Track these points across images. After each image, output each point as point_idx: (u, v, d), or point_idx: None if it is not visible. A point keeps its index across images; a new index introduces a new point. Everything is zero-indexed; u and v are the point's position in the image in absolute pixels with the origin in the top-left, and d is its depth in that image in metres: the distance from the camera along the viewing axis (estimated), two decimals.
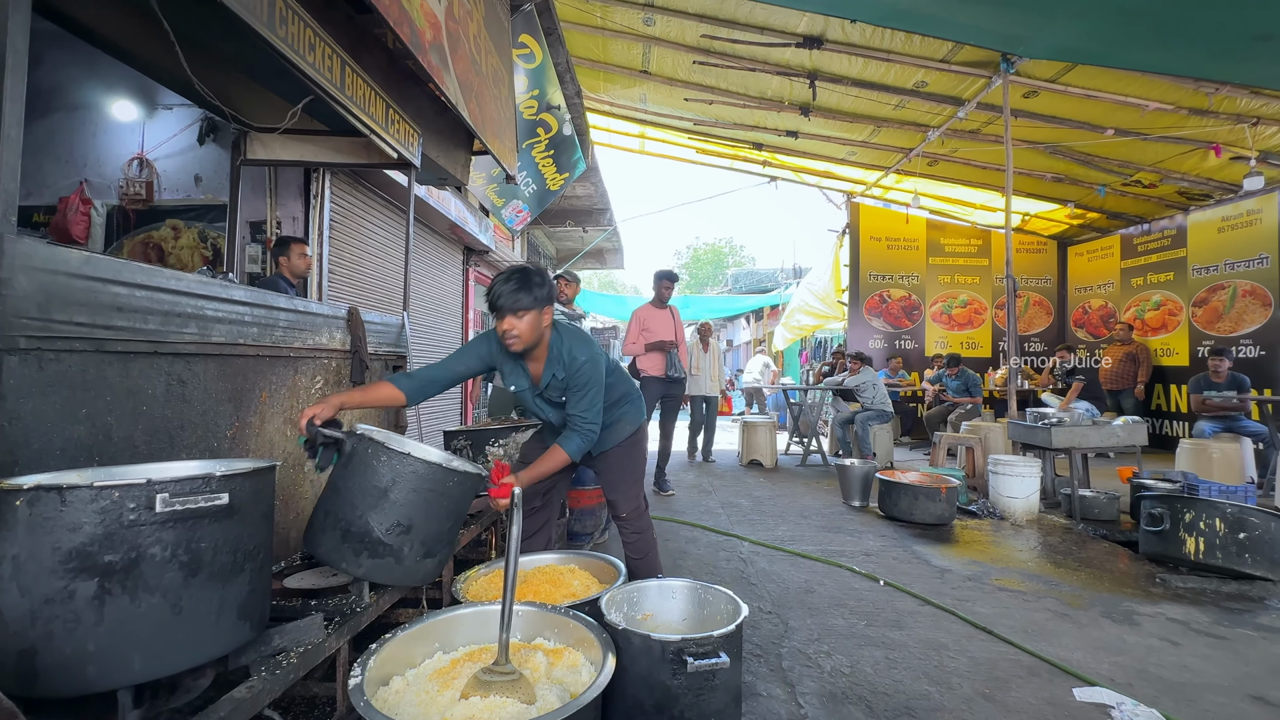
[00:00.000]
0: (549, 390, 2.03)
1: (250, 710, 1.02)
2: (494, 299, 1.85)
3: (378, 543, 1.41)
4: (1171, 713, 1.68)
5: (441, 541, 1.55)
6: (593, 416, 1.98)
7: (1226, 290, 6.63)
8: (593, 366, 1.98)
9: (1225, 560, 2.86)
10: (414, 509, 1.45)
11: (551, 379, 2.00)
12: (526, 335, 1.88)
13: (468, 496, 1.61)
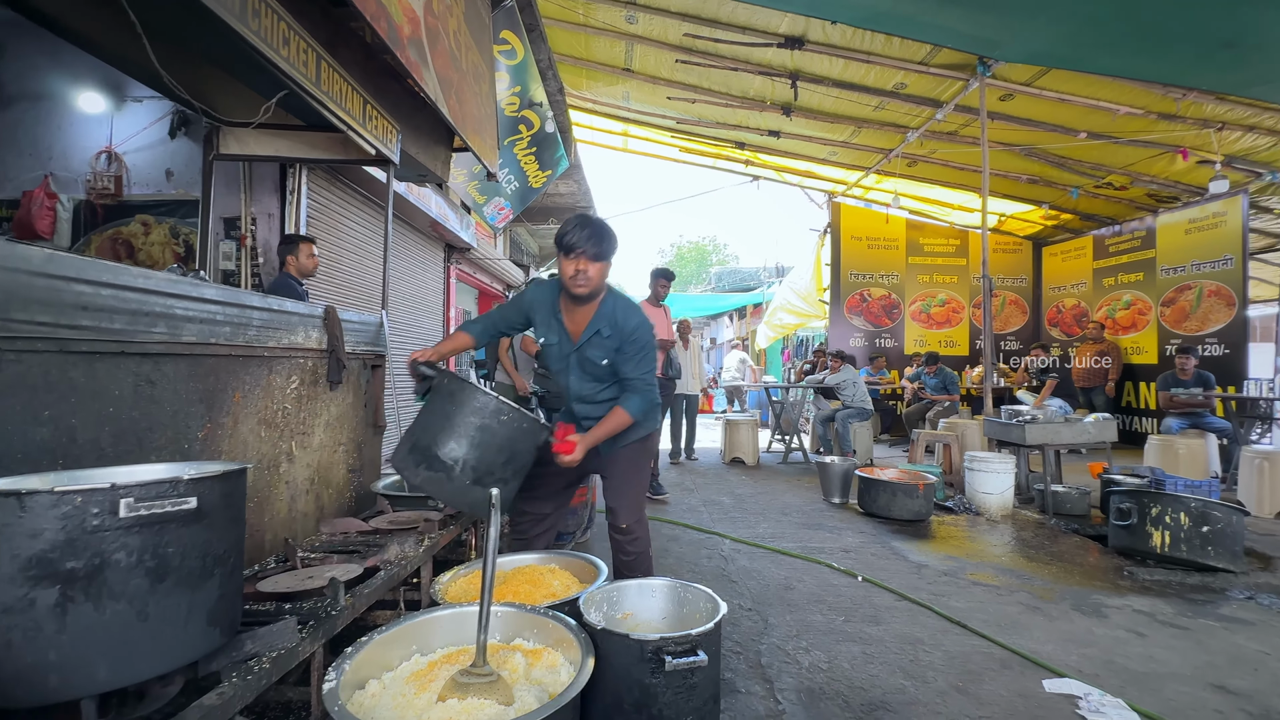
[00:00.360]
0: (587, 348, 1.99)
1: (221, 717, 1.00)
2: (572, 241, 1.87)
3: (434, 458, 1.63)
4: (1137, 702, 1.73)
5: (491, 474, 1.65)
6: (650, 379, 1.99)
7: (1193, 290, 6.83)
8: (647, 331, 1.98)
9: (1189, 553, 2.95)
10: (466, 436, 1.63)
11: (594, 335, 1.98)
12: (595, 281, 1.91)
13: (521, 439, 1.70)
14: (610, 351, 1.98)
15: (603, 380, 2.07)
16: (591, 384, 2.09)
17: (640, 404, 1.96)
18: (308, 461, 2.38)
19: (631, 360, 1.97)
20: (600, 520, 3.85)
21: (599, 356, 1.99)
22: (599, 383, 2.08)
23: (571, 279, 1.91)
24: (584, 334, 1.99)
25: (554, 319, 2.04)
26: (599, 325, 1.97)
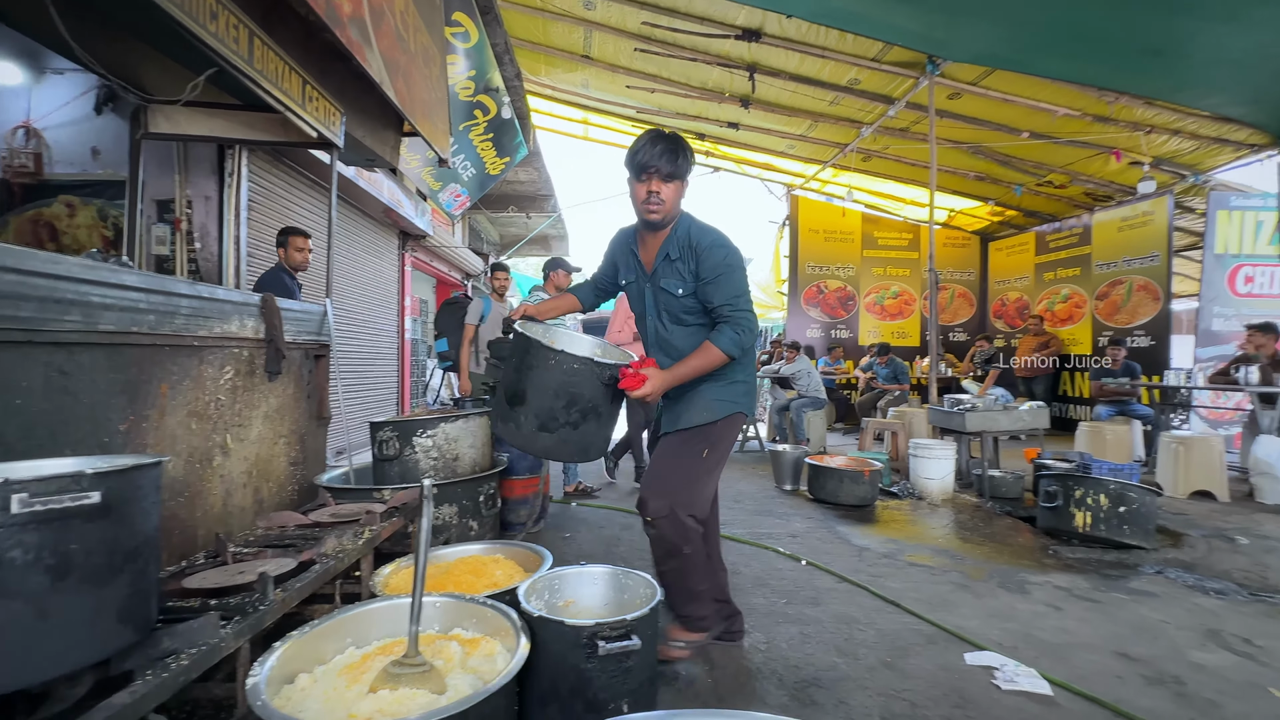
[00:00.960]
0: (660, 277, 1.82)
1: (132, 715, 0.98)
2: (643, 160, 1.71)
3: (506, 410, 1.72)
4: (1048, 671, 1.85)
5: (555, 419, 1.67)
6: (744, 304, 1.74)
7: (1124, 285, 7.22)
8: (724, 250, 1.75)
9: (1108, 531, 3.15)
10: (524, 384, 1.67)
11: (664, 259, 1.81)
12: (670, 203, 1.75)
13: (578, 381, 1.65)
14: (686, 278, 1.77)
15: (685, 322, 1.84)
16: (673, 327, 1.86)
17: (733, 337, 1.71)
18: (244, 454, 2.31)
19: (714, 284, 1.73)
20: (555, 510, 3.86)
21: (675, 286, 1.79)
22: (681, 324, 1.85)
23: (644, 204, 1.74)
24: (656, 260, 1.82)
25: (631, 255, 1.91)
26: (667, 248, 1.79)
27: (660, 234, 1.83)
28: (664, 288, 1.82)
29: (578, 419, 1.68)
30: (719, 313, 1.75)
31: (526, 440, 1.71)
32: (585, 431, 1.71)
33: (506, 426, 1.74)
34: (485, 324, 4.49)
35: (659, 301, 1.86)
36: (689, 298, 1.80)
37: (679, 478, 1.83)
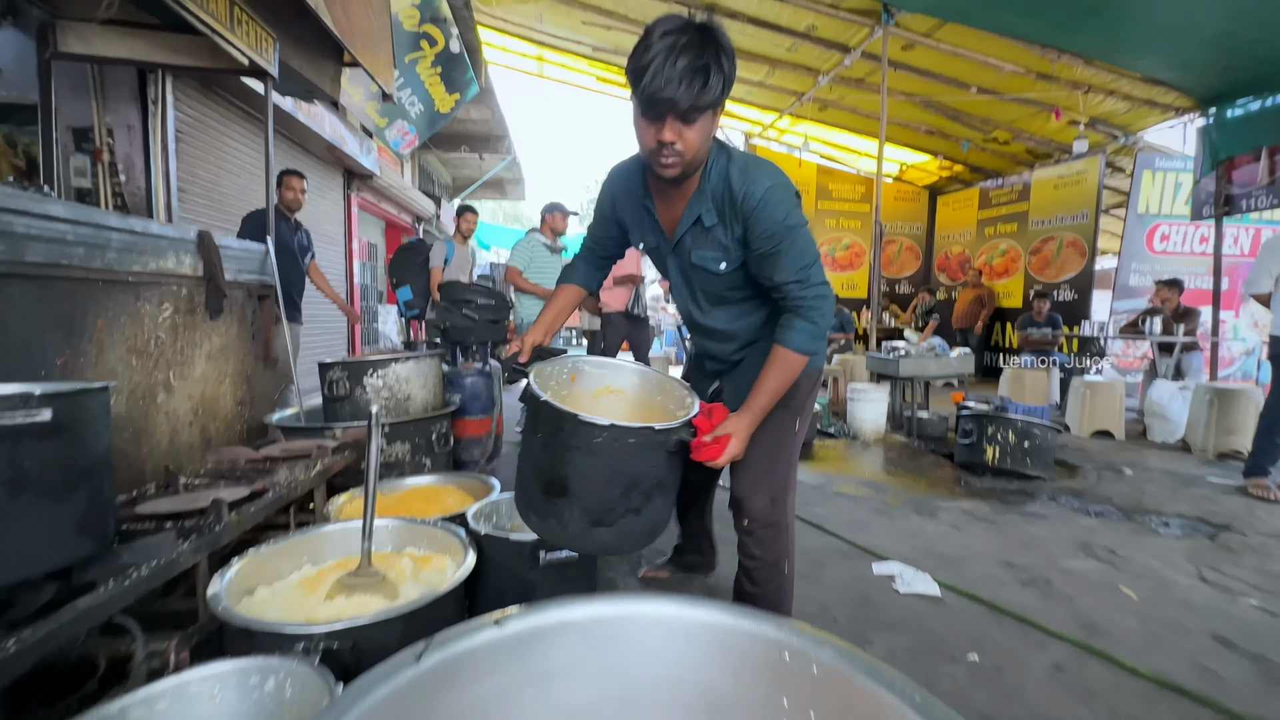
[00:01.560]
0: (692, 246, 1.31)
1: (97, 616, 1.06)
2: (654, 90, 1.07)
3: (541, 502, 1.28)
4: (941, 577, 2.12)
5: (611, 510, 1.23)
6: (816, 277, 1.25)
7: (1055, 241, 7.63)
8: (782, 204, 1.20)
9: (1013, 464, 3.49)
10: (564, 466, 1.20)
11: (694, 225, 1.28)
12: (692, 149, 1.15)
13: (639, 457, 1.20)
14: (730, 249, 1.27)
15: (730, 300, 1.38)
16: (714, 309, 1.41)
17: (809, 331, 1.24)
18: (189, 393, 2.31)
19: (774, 257, 1.23)
20: (508, 450, 3.98)
21: (714, 261, 1.30)
22: (724, 305, 1.39)
23: (653, 155, 1.16)
24: (680, 225, 1.30)
25: (644, 212, 1.35)
26: (697, 209, 1.26)
27: (685, 186, 1.27)
28: (697, 264, 1.32)
29: (641, 503, 1.25)
30: (786, 294, 1.25)
31: (576, 540, 1.32)
32: (651, 513, 1.29)
33: (546, 523, 1.31)
34: (449, 267, 4.44)
35: (691, 280, 1.38)
36: (735, 273, 1.31)
37: (780, 466, 1.45)
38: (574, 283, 1.58)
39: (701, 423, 1.24)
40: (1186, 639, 1.79)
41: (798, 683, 0.93)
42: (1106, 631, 1.81)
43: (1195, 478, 3.69)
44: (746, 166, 1.24)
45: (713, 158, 1.26)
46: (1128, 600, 2.03)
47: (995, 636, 1.76)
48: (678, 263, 1.40)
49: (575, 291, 1.57)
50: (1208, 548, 2.57)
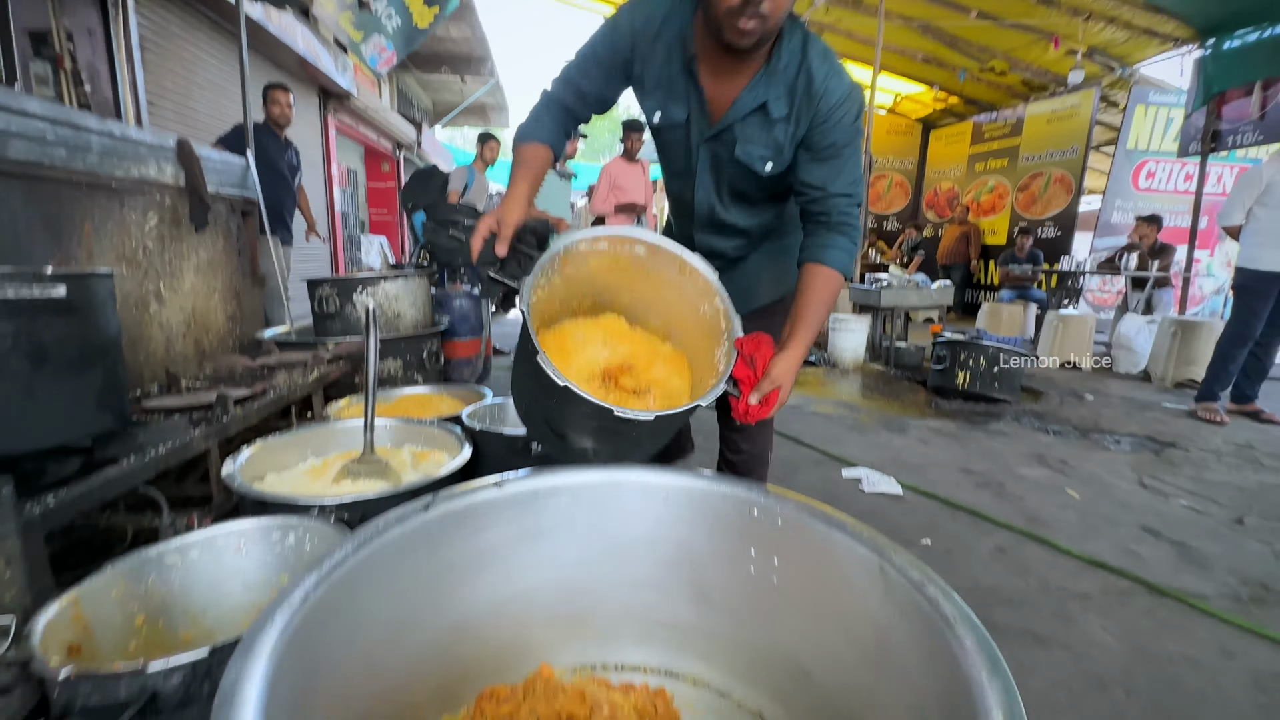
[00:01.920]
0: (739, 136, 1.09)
1: (123, 485, 1.15)
2: None
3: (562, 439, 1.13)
4: (904, 480, 2.29)
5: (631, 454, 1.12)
6: (860, 195, 1.10)
7: (1043, 177, 7.62)
8: (858, 103, 1.05)
9: (982, 388, 3.66)
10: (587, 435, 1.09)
11: (754, 112, 1.06)
12: (780, 10, 0.93)
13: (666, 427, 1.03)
14: (784, 148, 1.08)
15: (755, 200, 1.21)
16: (736, 206, 1.21)
17: (850, 250, 1.09)
18: (181, 305, 2.34)
19: (835, 162, 1.06)
20: (498, 375, 4.07)
21: (759, 158, 1.09)
22: (748, 203, 1.21)
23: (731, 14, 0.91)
24: (735, 109, 1.06)
25: (686, 76, 1.06)
26: (763, 94, 1.03)
27: (747, 60, 1.02)
28: (740, 159, 1.10)
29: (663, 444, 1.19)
30: (832, 206, 1.07)
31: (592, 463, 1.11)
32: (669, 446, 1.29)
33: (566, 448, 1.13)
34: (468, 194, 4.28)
35: (721, 175, 1.16)
36: (776, 177, 1.12)
37: None
38: (542, 141, 1.15)
39: (744, 374, 1.01)
40: (1118, 529, 1.98)
41: (764, 534, 1.06)
42: (1047, 523, 1.99)
43: (1151, 403, 3.90)
44: (827, 53, 1.03)
45: (789, 32, 1.02)
46: (1071, 499, 2.22)
47: (947, 526, 1.94)
48: (710, 152, 1.13)
49: (545, 153, 1.15)
50: (1151, 461, 2.78)
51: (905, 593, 0.84)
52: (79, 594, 0.89)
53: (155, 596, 1.01)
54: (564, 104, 1.16)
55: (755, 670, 1.11)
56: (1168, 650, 1.39)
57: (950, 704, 0.71)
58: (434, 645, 1.00)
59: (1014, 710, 0.61)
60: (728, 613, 1.12)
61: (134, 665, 0.73)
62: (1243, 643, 1.43)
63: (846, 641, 0.97)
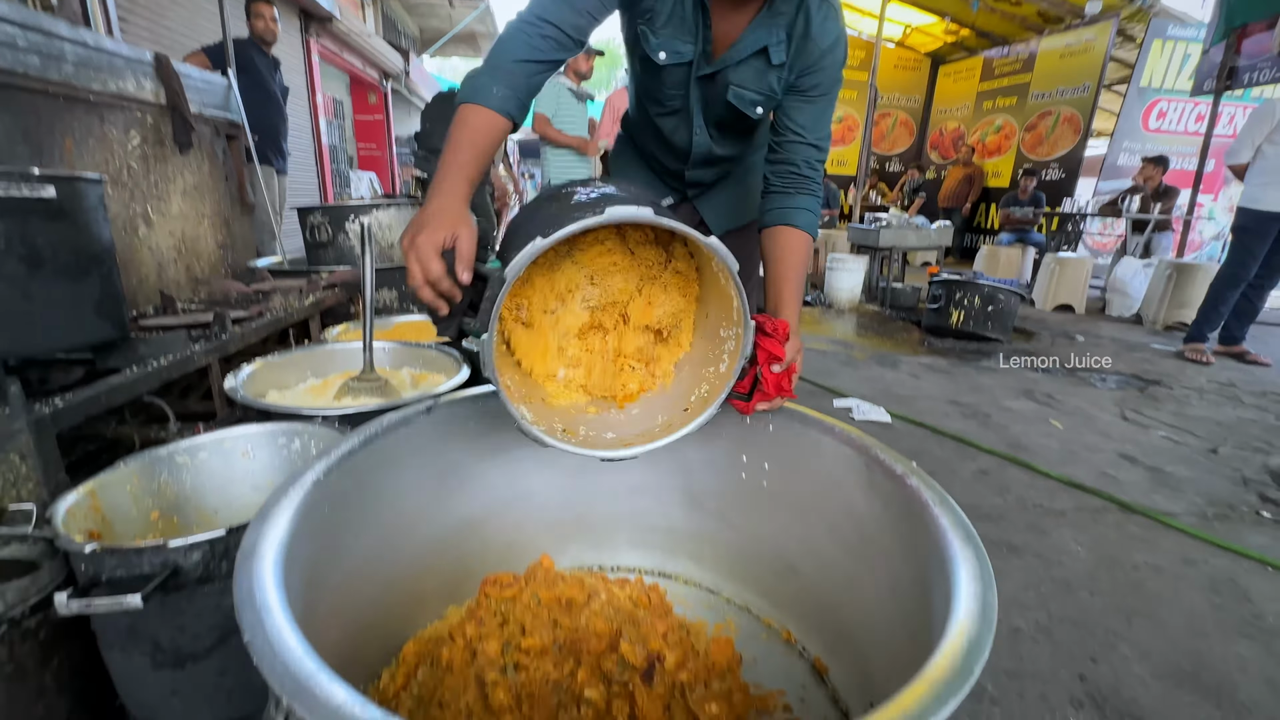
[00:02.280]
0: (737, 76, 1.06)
1: (128, 393, 1.17)
2: None
3: None
4: (894, 410, 2.34)
5: None
6: (827, 149, 1.08)
7: (1052, 116, 7.41)
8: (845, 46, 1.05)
9: (975, 327, 3.70)
10: None
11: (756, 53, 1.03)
12: None
13: None
14: (775, 92, 1.07)
15: (739, 133, 1.20)
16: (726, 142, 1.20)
17: (817, 212, 1.07)
18: (170, 230, 2.30)
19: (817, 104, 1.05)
20: None
21: (749, 100, 1.08)
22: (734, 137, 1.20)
23: None
24: (736, 49, 1.03)
25: (696, 12, 1.01)
26: (765, 37, 1.01)
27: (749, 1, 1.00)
28: (733, 100, 1.08)
29: None
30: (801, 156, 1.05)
31: None
32: None
33: None
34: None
35: (708, 113, 1.13)
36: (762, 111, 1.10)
37: None
38: (497, 109, 0.87)
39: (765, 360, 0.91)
40: (1097, 455, 2.05)
41: (756, 441, 1.10)
42: (1029, 449, 2.06)
43: (1140, 344, 3.95)
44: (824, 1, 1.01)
45: None
46: (1054, 429, 2.29)
47: (933, 451, 2.00)
48: (701, 92, 1.09)
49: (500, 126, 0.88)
50: (1135, 397, 2.84)
51: (888, 485, 0.88)
52: (95, 485, 0.92)
53: (168, 494, 1.05)
54: (535, 44, 0.90)
55: (744, 569, 1.18)
56: (1133, 559, 1.48)
57: (925, 578, 0.76)
58: (440, 540, 1.05)
59: (984, 572, 0.65)
60: (719, 516, 1.18)
61: (156, 542, 0.77)
62: (1204, 553, 1.51)
63: (831, 537, 1.03)
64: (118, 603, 0.70)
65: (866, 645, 0.93)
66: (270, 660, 0.46)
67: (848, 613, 0.99)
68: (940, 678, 0.51)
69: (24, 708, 0.74)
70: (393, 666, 0.94)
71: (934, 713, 0.47)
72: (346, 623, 0.83)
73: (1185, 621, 1.27)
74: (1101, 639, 1.21)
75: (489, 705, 0.84)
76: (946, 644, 0.55)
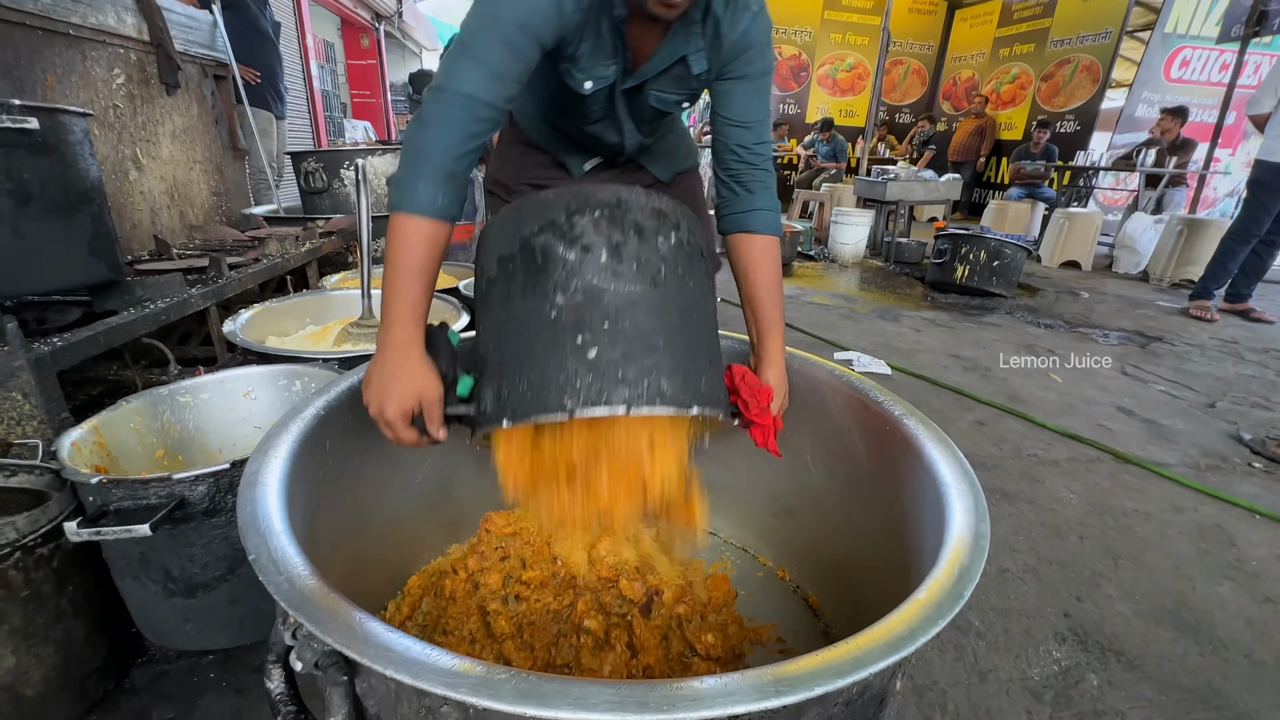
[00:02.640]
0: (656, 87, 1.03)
1: (126, 334, 1.16)
2: None
3: None
4: (894, 363, 2.34)
5: None
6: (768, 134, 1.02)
7: (1070, 65, 7.13)
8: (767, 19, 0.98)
9: (980, 282, 3.66)
10: None
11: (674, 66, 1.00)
12: None
13: None
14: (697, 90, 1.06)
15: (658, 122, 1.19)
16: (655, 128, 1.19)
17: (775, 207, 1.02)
18: (161, 174, 2.25)
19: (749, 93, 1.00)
20: None
21: (673, 101, 1.07)
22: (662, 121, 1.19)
23: None
24: (654, 63, 1.00)
25: (616, 36, 0.95)
26: (682, 48, 0.97)
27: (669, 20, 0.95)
28: (656, 105, 1.07)
29: None
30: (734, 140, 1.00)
31: None
32: None
33: None
34: None
35: (641, 114, 1.11)
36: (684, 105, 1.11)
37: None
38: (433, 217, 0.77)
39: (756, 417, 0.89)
40: (1094, 408, 2.06)
41: None
42: (1027, 402, 2.07)
43: (1145, 301, 3.92)
44: None
45: None
46: (1053, 383, 2.30)
47: (931, 402, 2.01)
48: (626, 103, 1.06)
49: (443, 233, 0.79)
50: (1136, 352, 2.84)
51: (885, 427, 0.89)
52: (99, 422, 0.93)
53: (172, 433, 1.06)
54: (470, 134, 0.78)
55: (741, 510, 1.20)
56: (1124, 506, 1.50)
57: (920, 515, 0.77)
58: (442, 480, 1.07)
59: (978, 505, 0.66)
60: (717, 459, 1.19)
61: (161, 474, 0.78)
62: (1194, 501, 1.54)
63: (828, 479, 1.04)
64: (127, 531, 0.71)
65: (859, 581, 0.96)
66: (274, 576, 0.47)
67: (842, 551, 1.01)
68: (931, 600, 0.52)
69: (43, 630, 0.77)
70: (398, 599, 0.97)
71: (924, 632, 0.48)
72: (351, 556, 0.85)
73: (1171, 564, 1.30)
74: (1088, 580, 1.25)
75: (491, 633, 0.87)
76: (939, 570, 0.56)
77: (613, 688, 0.39)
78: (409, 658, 0.40)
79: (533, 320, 0.66)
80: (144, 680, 0.91)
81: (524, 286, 0.67)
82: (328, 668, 0.46)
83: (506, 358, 0.67)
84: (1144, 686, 1.01)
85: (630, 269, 0.67)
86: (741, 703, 0.39)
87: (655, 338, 0.66)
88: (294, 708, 0.51)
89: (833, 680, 0.42)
